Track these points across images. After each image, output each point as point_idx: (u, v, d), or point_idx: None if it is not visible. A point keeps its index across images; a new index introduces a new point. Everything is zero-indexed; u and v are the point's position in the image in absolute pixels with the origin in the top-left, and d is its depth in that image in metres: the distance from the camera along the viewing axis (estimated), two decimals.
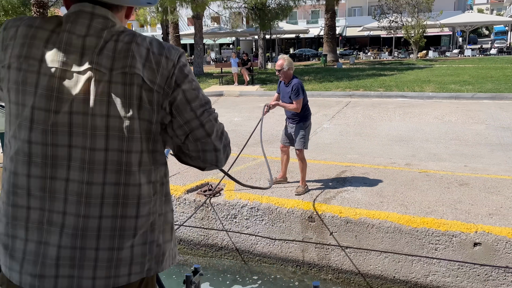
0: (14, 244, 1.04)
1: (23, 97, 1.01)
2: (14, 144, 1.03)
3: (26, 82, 1.01)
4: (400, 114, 10.15)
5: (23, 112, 1.01)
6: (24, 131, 1.02)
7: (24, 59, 1.02)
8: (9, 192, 1.04)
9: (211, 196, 5.13)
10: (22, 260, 1.03)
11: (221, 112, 11.44)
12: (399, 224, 4.19)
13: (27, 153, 1.02)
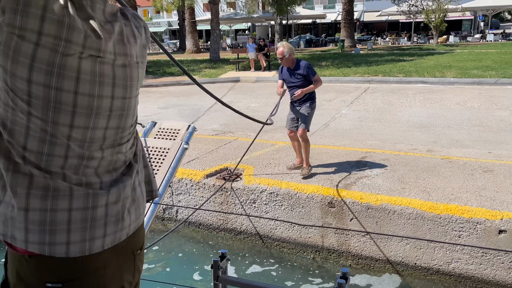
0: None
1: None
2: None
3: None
4: (421, 100, 9.95)
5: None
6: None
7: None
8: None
9: (230, 181, 5.14)
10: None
11: (238, 98, 11.42)
12: (422, 211, 4.13)
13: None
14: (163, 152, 2.88)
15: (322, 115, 8.75)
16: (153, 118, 8.95)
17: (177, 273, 4.67)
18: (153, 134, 3.10)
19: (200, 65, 19.74)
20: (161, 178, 2.73)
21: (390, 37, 39.01)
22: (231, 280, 1.57)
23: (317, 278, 4.49)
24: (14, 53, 0.90)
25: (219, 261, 1.57)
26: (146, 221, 2.54)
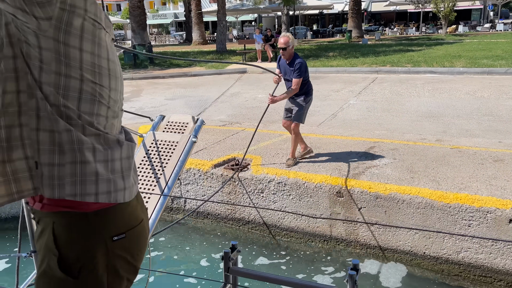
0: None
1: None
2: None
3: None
4: (429, 90, 9.85)
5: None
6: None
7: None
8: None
9: (238, 171, 5.14)
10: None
11: (245, 89, 11.38)
12: (431, 200, 4.10)
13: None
14: (171, 146, 2.88)
15: (330, 105, 8.70)
16: (160, 110, 8.96)
17: (186, 264, 4.70)
18: (161, 128, 3.10)
19: (206, 56, 19.69)
20: (170, 171, 2.73)
21: (398, 27, 38.59)
22: (242, 271, 1.57)
23: (326, 268, 4.50)
24: (66, 26, 1.03)
25: (229, 253, 1.57)
26: (156, 213, 2.55)
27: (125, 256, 1.17)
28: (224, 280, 1.53)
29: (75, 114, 1.08)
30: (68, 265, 1.10)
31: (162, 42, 42.31)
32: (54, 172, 1.08)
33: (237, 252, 1.57)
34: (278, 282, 1.54)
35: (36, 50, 1.04)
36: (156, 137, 2.91)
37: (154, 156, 2.79)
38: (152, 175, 2.70)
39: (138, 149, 2.90)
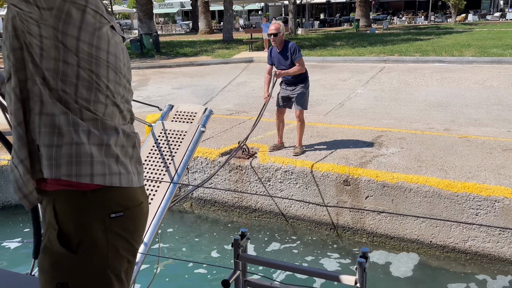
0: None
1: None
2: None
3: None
4: (438, 79, 9.76)
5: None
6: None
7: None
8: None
9: (245, 159, 5.16)
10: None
11: (252, 78, 11.35)
12: (438, 189, 4.10)
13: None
14: (180, 135, 2.91)
15: (337, 94, 8.66)
16: (167, 99, 8.98)
17: (194, 251, 4.75)
18: (170, 117, 3.12)
19: (213, 45, 19.62)
20: (179, 160, 2.76)
21: (406, 16, 38.11)
22: (251, 258, 1.59)
23: (332, 256, 4.52)
24: (66, 16, 1.09)
25: (239, 240, 1.58)
26: (166, 201, 2.58)
27: (123, 235, 1.19)
28: (233, 267, 1.55)
29: (72, 99, 1.14)
30: (67, 240, 1.14)
31: (169, 31, 42.19)
32: (52, 153, 1.14)
33: (246, 239, 1.59)
34: (287, 269, 1.56)
35: (38, 38, 1.11)
36: (165, 126, 2.94)
37: (163, 145, 2.82)
38: (161, 164, 2.72)
39: (147, 138, 2.93)
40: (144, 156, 2.80)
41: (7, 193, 5.56)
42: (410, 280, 3.99)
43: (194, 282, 4.13)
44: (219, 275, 4.19)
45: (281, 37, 4.85)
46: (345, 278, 1.42)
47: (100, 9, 1.16)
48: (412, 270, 4.13)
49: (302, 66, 4.84)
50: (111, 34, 1.20)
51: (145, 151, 2.83)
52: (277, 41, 4.85)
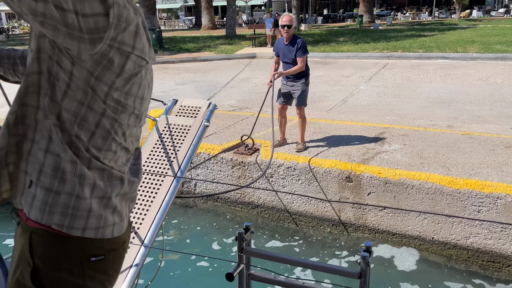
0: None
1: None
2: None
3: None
4: (441, 75, 9.73)
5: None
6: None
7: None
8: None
9: (248, 155, 5.17)
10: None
11: (255, 74, 11.35)
12: (441, 185, 4.10)
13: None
14: (184, 129, 2.92)
15: (340, 91, 8.65)
16: (170, 94, 8.99)
17: (197, 246, 4.78)
18: (174, 112, 3.14)
19: (216, 41, 19.60)
20: (183, 155, 2.78)
21: (410, 12, 37.92)
22: (255, 252, 1.60)
23: (334, 251, 4.54)
24: (108, 62, 0.99)
25: (243, 233, 1.60)
26: (169, 196, 2.60)
27: (100, 278, 1.12)
28: (237, 261, 1.57)
29: (84, 147, 1.05)
30: (40, 279, 1.06)
31: (172, 27, 42.14)
32: (49, 198, 1.05)
33: (250, 233, 1.61)
34: (291, 262, 1.57)
35: (67, 74, 1.00)
36: (169, 121, 2.95)
37: (167, 140, 2.84)
38: (165, 159, 2.74)
39: (151, 133, 2.95)
40: (148, 150, 2.82)
41: None
42: (411, 276, 4.01)
43: (198, 275, 4.16)
44: (222, 269, 4.23)
45: (291, 30, 4.84)
46: (349, 272, 1.43)
47: (144, 53, 1.05)
48: (413, 266, 4.15)
49: (303, 65, 4.82)
50: (144, 74, 1.10)
51: (149, 145, 2.86)
52: (290, 33, 4.83)
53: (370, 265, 1.40)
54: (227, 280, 1.49)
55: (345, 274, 1.44)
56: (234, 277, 1.52)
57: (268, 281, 1.62)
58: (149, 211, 2.56)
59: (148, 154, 2.80)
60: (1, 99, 5.13)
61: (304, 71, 4.93)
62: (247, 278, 1.63)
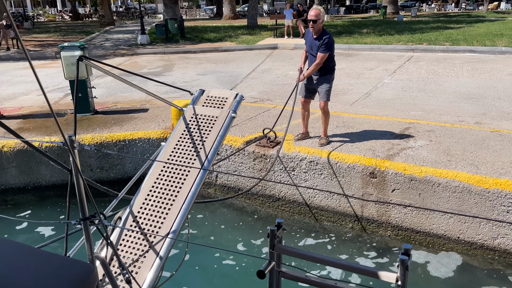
0: None
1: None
2: None
3: None
4: (469, 70, 9.45)
5: None
6: None
7: None
8: None
9: (270, 148, 5.14)
10: None
11: (276, 65, 11.25)
12: (469, 184, 3.99)
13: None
14: (211, 120, 2.91)
15: (364, 84, 8.50)
16: (192, 85, 9.00)
17: (219, 240, 4.79)
18: (201, 102, 3.12)
19: (237, 31, 19.50)
20: (210, 145, 2.76)
21: (436, 3, 36.94)
22: (287, 249, 1.57)
23: (356, 248, 4.49)
24: None
25: (275, 230, 1.57)
26: (196, 186, 2.59)
27: None
28: (269, 257, 1.54)
29: None
30: None
31: (193, 16, 42.12)
32: None
33: (282, 230, 1.57)
34: (324, 262, 1.53)
35: None
36: (196, 111, 2.94)
37: (194, 130, 2.82)
38: (191, 149, 2.73)
39: (178, 123, 2.94)
40: (175, 140, 2.82)
41: (38, 174, 5.72)
42: (435, 275, 3.93)
43: (221, 269, 4.18)
44: (245, 264, 4.23)
45: (320, 24, 4.74)
46: (386, 275, 1.39)
47: None
48: (437, 266, 4.07)
49: (320, 61, 4.72)
50: None
51: (175, 135, 2.85)
52: (316, 28, 4.74)
53: (409, 269, 1.35)
54: (258, 278, 1.47)
55: (381, 276, 1.39)
56: (265, 274, 1.49)
57: (300, 279, 1.59)
58: (175, 202, 2.56)
59: (174, 144, 2.80)
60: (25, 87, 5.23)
61: (329, 66, 4.84)
62: (277, 276, 1.60)
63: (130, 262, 2.41)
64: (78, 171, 1.80)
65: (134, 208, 2.63)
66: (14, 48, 15.73)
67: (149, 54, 14.27)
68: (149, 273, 2.36)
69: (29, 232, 4.88)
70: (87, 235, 1.87)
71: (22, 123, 6.45)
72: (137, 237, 2.51)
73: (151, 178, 2.72)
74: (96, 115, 6.72)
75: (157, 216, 2.55)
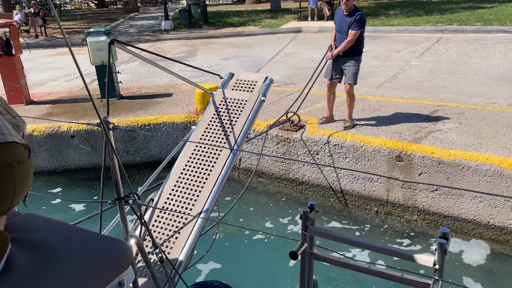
0: None
1: None
2: None
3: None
4: (502, 50, 9.07)
5: None
6: None
7: None
8: None
9: (293, 131, 5.10)
10: None
11: (300, 49, 11.10)
12: (500, 168, 3.86)
13: None
14: (240, 104, 2.91)
15: (390, 66, 8.29)
16: (215, 69, 8.99)
17: (251, 222, 4.83)
18: (231, 86, 3.12)
19: (260, 15, 19.31)
20: (239, 129, 2.78)
21: None
22: (320, 231, 1.55)
23: (382, 232, 4.44)
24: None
25: (308, 212, 1.55)
26: (226, 169, 2.63)
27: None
28: (301, 239, 1.53)
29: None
30: None
31: (216, 1, 41.94)
32: None
33: (315, 212, 1.56)
34: (358, 245, 1.51)
35: None
36: (225, 95, 2.95)
37: (224, 114, 2.84)
38: (221, 133, 2.75)
39: (208, 107, 2.96)
40: (205, 124, 2.84)
41: (67, 158, 5.88)
42: (465, 261, 3.85)
43: (251, 250, 4.22)
44: (276, 245, 4.25)
45: (352, 1, 4.66)
46: (423, 258, 1.35)
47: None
48: (465, 252, 3.98)
49: (353, 38, 4.62)
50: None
51: (205, 119, 2.86)
52: (348, 5, 4.65)
53: (447, 253, 1.31)
54: (291, 258, 1.46)
55: (417, 260, 1.36)
56: (298, 255, 1.49)
57: (332, 261, 1.57)
58: (206, 184, 2.60)
59: (205, 127, 2.82)
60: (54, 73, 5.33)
61: (358, 48, 4.74)
62: (309, 258, 1.59)
63: (163, 242, 2.46)
64: (114, 152, 1.83)
65: (166, 189, 2.69)
66: (42, 35, 16.07)
67: (172, 39, 14.33)
68: (181, 253, 2.41)
69: (60, 212, 5.04)
70: (122, 214, 1.92)
71: (51, 108, 6.62)
72: (169, 218, 2.57)
73: (183, 160, 2.76)
74: (121, 100, 6.82)
75: (188, 197, 2.59)
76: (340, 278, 3.73)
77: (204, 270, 3.90)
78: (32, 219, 1.59)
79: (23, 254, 1.37)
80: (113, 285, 1.38)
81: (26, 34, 15.56)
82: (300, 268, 1.64)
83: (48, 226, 1.56)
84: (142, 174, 5.82)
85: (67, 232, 1.53)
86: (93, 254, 1.41)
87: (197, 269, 3.83)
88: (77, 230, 1.54)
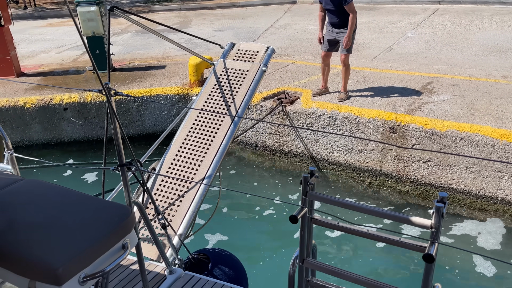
0: None
1: None
2: None
3: None
4: (498, 22, 8.99)
5: None
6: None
7: None
8: None
9: (287, 104, 5.09)
10: None
11: (295, 20, 10.93)
12: (492, 138, 3.90)
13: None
14: (241, 74, 2.89)
15: (386, 38, 8.21)
16: None
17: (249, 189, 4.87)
18: (231, 56, 3.09)
19: None
20: (241, 99, 2.77)
21: None
22: (319, 196, 1.57)
23: (378, 204, 4.51)
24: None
25: (308, 177, 1.57)
26: (227, 138, 2.64)
27: None
28: (301, 204, 1.56)
29: None
30: None
31: None
32: None
33: (315, 177, 1.58)
34: (357, 209, 1.53)
35: None
36: (226, 65, 2.93)
37: (225, 84, 2.83)
38: (223, 103, 2.75)
39: (209, 77, 2.94)
40: (206, 94, 2.83)
41: (60, 131, 5.84)
42: (457, 228, 3.94)
43: (252, 216, 4.29)
44: (276, 211, 4.32)
45: None
46: (420, 221, 1.38)
47: None
48: (455, 221, 4.06)
49: (354, 13, 4.57)
50: None
51: (206, 89, 2.86)
52: None
53: (444, 216, 1.34)
54: (291, 222, 1.49)
55: (414, 222, 1.39)
56: (298, 219, 1.51)
57: (331, 226, 1.60)
58: (208, 153, 2.63)
59: (206, 98, 2.81)
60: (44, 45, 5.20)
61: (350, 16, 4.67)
62: (309, 222, 1.62)
63: (165, 209, 2.50)
64: (116, 118, 1.83)
65: (167, 158, 2.71)
66: (31, 6, 15.67)
67: (165, 11, 14.03)
68: (184, 219, 2.45)
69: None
70: (125, 180, 1.94)
71: (42, 80, 6.52)
72: (171, 186, 2.59)
73: (184, 130, 2.77)
74: (114, 72, 6.73)
75: (190, 166, 2.62)
76: (338, 244, 3.82)
77: (206, 238, 3.97)
78: (37, 185, 1.62)
79: (27, 218, 1.40)
80: (117, 248, 1.41)
81: (14, 4, 15.15)
82: (299, 233, 1.67)
83: (52, 191, 1.59)
84: (137, 147, 5.81)
85: (70, 197, 1.56)
86: (96, 218, 1.44)
87: (199, 237, 3.90)
88: (80, 195, 1.57)
